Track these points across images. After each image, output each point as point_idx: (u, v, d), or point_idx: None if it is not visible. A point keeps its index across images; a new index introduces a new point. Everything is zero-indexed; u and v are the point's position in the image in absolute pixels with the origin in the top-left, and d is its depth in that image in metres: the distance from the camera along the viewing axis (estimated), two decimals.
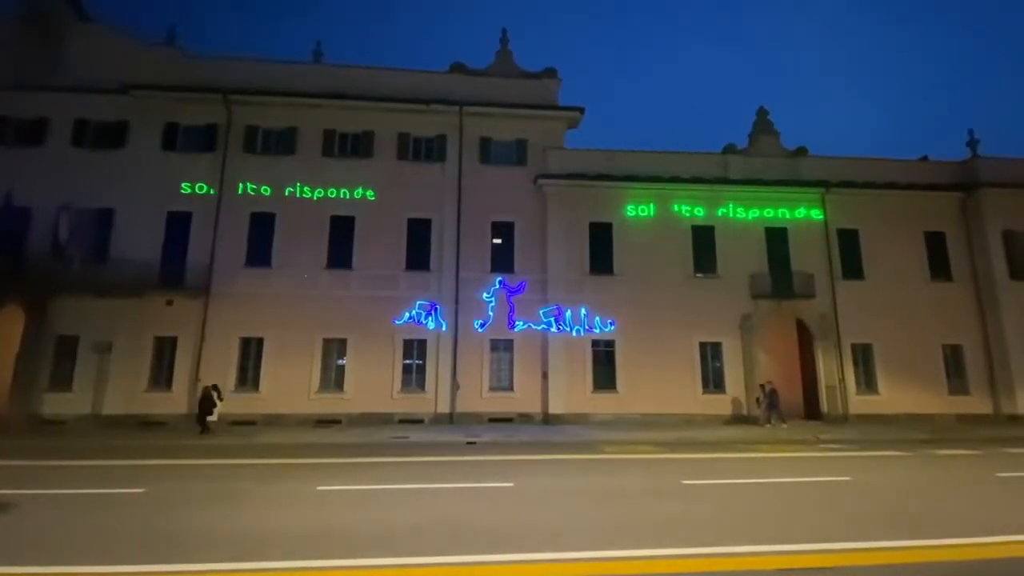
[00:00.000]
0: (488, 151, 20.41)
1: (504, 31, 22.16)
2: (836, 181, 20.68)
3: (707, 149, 22.04)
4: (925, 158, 23.20)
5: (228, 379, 17.68)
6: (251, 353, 18.10)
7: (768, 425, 17.22)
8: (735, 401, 18.93)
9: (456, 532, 5.80)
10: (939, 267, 20.79)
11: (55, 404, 16.82)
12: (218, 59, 20.58)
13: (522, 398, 18.54)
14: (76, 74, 19.01)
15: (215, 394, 15.51)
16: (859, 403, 19.26)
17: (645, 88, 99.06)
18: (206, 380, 17.42)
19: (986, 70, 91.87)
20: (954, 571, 5.10)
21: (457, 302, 18.78)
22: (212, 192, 18.83)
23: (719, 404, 18.75)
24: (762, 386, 18.15)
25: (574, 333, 18.85)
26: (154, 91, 19.08)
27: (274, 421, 17.12)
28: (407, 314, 18.57)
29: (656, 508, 7.19)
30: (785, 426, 17.17)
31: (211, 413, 15.24)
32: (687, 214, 20.24)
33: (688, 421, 18.06)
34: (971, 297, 20.61)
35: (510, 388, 18.67)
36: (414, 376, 18.53)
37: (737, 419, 18.48)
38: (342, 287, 18.72)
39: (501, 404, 18.45)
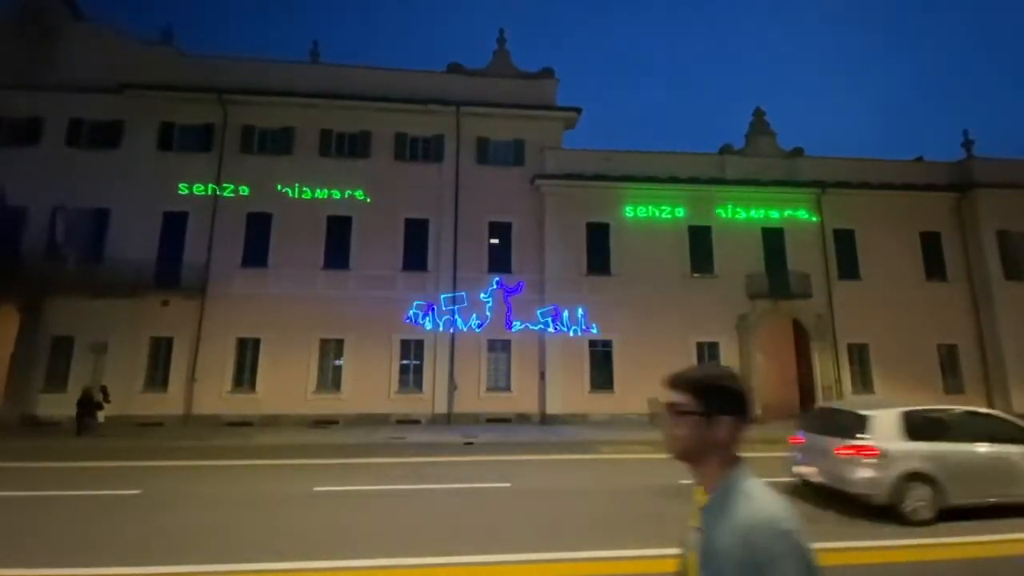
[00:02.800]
0: (485, 151, 20.38)
1: (502, 31, 22.09)
2: (832, 182, 20.70)
3: (704, 149, 22.08)
4: (920, 159, 23.22)
5: (225, 380, 17.61)
6: (248, 354, 17.99)
7: None
8: None
9: (454, 532, 5.79)
10: (934, 267, 20.84)
11: (50, 405, 16.68)
12: (214, 58, 20.45)
13: (519, 398, 18.52)
14: (71, 73, 18.86)
15: (101, 395, 15.32)
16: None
17: (642, 88, 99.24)
18: (204, 380, 17.37)
19: (981, 71, 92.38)
20: (953, 570, 5.12)
21: (455, 302, 18.75)
22: (208, 192, 18.72)
23: None
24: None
25: (571, 333, 18.85)
26: (149, 90, 18.95)
27: (271, 422, 17.04)
28: (404, 314, 18.54)
29: (653, 508, 7.20)
30: None
31: (93, 415, 14.96)
32: (684, 214, 20.25)
33: None
34: (966, 297, 20.69)
35: (507, 388, 18.64)
36: (411, 376, 18.46)
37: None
38: (339, 287, 18.67)
39: (498, 404, 18.42)
